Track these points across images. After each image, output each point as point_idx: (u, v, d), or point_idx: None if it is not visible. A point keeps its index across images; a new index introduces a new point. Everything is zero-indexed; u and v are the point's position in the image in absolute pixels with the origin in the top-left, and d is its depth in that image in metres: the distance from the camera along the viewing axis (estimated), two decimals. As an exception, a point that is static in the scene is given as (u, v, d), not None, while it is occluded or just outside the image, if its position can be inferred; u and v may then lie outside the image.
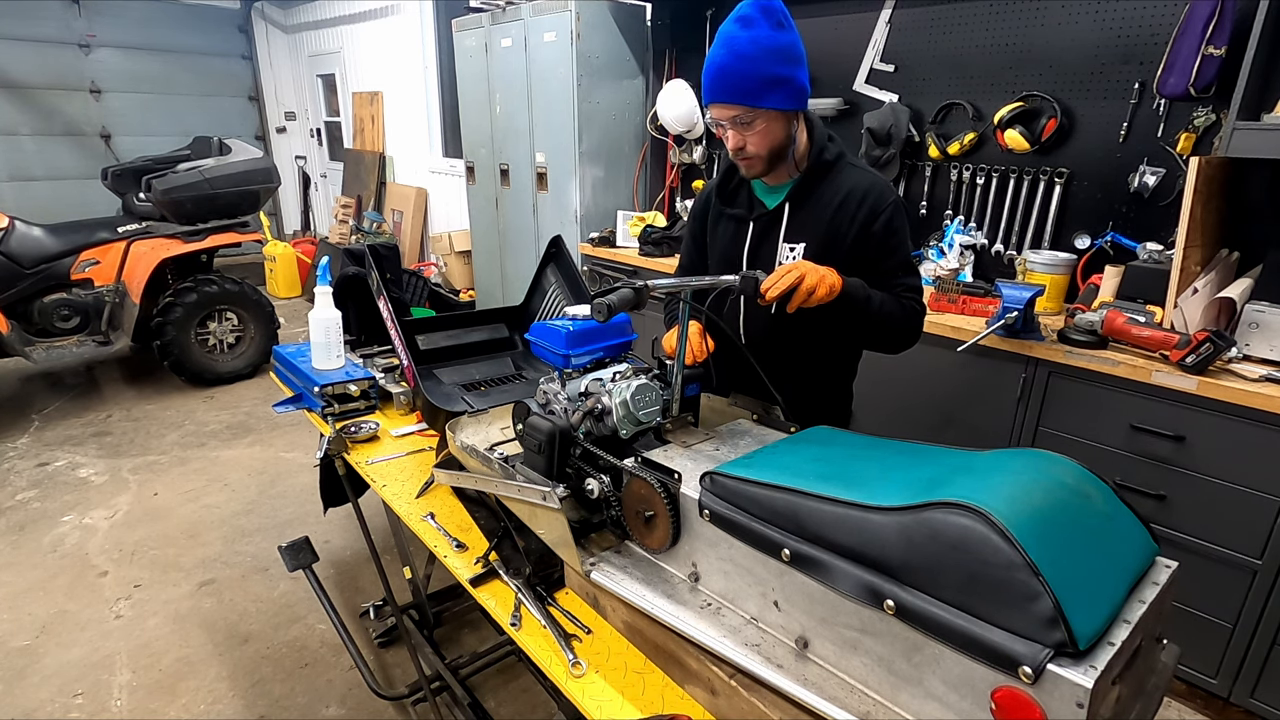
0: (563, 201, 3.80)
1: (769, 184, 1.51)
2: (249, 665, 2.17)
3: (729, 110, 1.34)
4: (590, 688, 0.97)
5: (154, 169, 4.12)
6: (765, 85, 1.30)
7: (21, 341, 3.78)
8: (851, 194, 1.42)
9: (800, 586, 0.83)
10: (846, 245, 1.42)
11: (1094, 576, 0.71)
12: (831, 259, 1.36)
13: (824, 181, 1.44)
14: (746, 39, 1.28)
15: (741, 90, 1.31)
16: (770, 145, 1.38)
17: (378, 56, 6.57)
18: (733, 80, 1.31)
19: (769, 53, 1.29)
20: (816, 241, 1.44)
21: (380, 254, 1.94)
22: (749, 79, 1.29)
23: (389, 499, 1.47)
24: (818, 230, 1.43)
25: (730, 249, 1.55)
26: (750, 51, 1.28)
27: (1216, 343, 1.75)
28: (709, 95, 1.36)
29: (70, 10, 6.68)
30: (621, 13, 3.53)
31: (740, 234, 1.53)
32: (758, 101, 1.32)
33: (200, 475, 3.30)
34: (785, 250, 1.47)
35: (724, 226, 1.57)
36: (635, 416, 1.11)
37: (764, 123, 1.34)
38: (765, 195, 1.52)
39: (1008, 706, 0.66)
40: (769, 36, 1.29)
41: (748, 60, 1.29)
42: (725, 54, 1.30)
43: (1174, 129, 2.17)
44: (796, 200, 1.46)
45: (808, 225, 1.44)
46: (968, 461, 0.86)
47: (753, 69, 1.29)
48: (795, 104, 1.36)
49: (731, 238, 1.55)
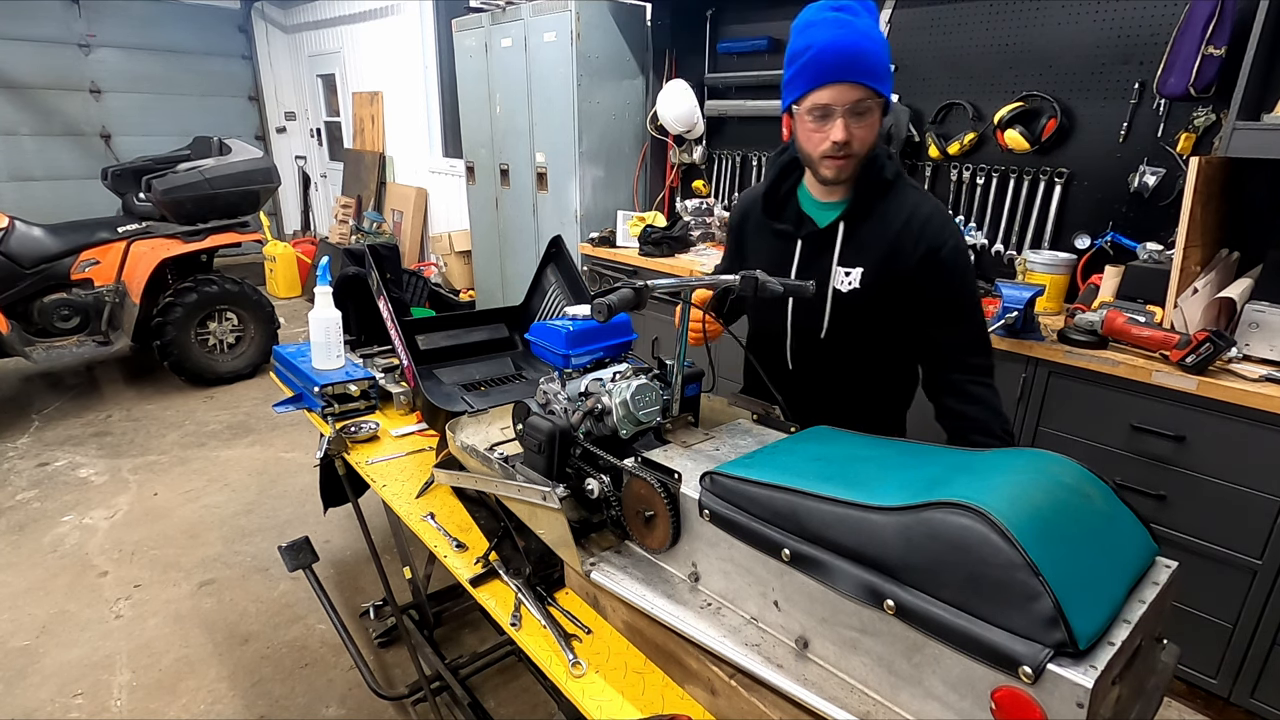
0: (563, 201, 3.80)
1: (820, 198, 1.38)
2: (249, 665, 2.17)
3: (853, 92, 1.20)
4: (590, 688, 0.97)
5: (154, 169, 4.12)
6: (886, 73, 1.21)
7: (21, 341, 3.78)
8: (915, 217, 1.30)
9: (800, 586, 0.83)
10: (909, 272, 1.30)
11: (1094, 576, 0.71)
12: (891, 288, 1.28)
13: (883, 200, 1.32)
14: (864, 23, 1.20)
15: (872, 72, 1.19)
16: (870, 144, 1.27)
17: (378, 56, 6.57)
18: (866, 61, 1.18)
19: (882, 42, 1.22)
20: (875, 267, 1.31)
21: (380, 254, 1.94)
22: (878, 61, 1.19)
23: (389, 499, 1.47)
24: (877, 253, 1.31)
25: (774, 268, 1.37)
26: (873, 34, 1.19)
27: (1216, 343, 1.75)
28: (825, 75, 1.20)
29: (70, 10, 6.68)
30: (621, 13, 3.53)
31: (787, 252, 1.40)
32: (882, 86, 1.21)
33: (200, 475, 3.30)
34: (840, 274, 1.34)
35: (767, 241, 1.44)
36: (635, 416, 1.11)
37: (876, 115, 1.24)
38: (815, 211, 1.39)
39: (1008, 706, 0.66)
40: (878, 28, 1.23)
41: (873, 42, 1.19)
42: (845, 34, 1.18)
43: (1174, 129, 2.17)
44: (854, 218, 1.32)
45: (866, 248, 1.32)
46: (968, 461, 0.86)
47: (880, 51, 1.20)
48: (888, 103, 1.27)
49: (777, 255, 1.41)
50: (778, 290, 1.22)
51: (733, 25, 3.39)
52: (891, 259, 1.30)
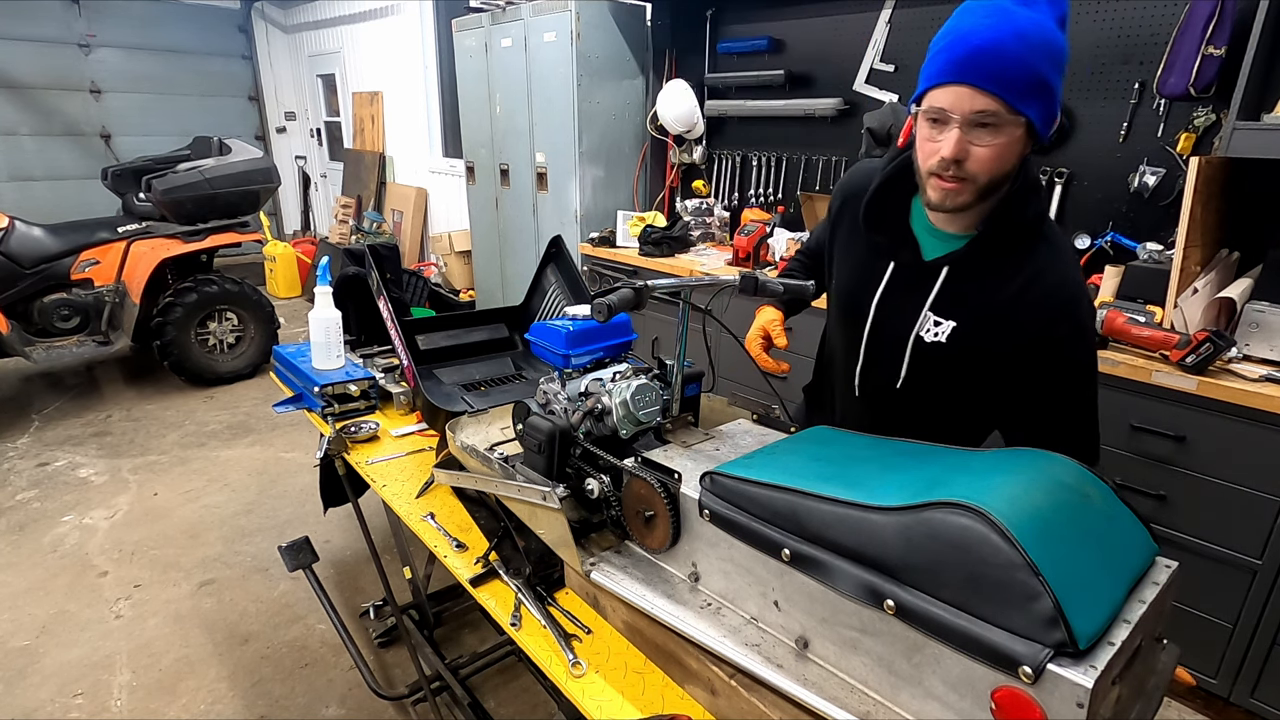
0: (563, 201, 3.80)
1: (936, 223, 1.13)
2: (249, 665, 2.17)
3: (979, 100, 0.96)
4: (590, 688, 0.97)
5: (154, 169, 4.12)
6: (1035, 87, 0.95)
7: (21, 341, 3.78)
8: (1038, 283, 1.06)
9: (800, 586, 0.83)
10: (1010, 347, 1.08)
11: (1094, 576, 0.71)
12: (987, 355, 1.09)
13: (1010, 249, 1.08)
14: (1028, 18, 0.95)
15: (1009, 80, 0.94)
16: (996, 171, 1.01)
17: (378, 56, 6.57)
18: (1003, 64, 0.94)
19: (1048, 47, 0.95)
20: (973, 328, 1.10)
21: (380, 254, 1.94)
22: (1024, 69, 0.94)
23: (389, 499, 1.47)
24: (980, 315, 1.09)
25: (856, 286, 1.21)
26: (1033, 35, 0.94)
27: (1216, 343, 1.75)
28: (950, 72, 0.97)
29: (70, 10, 6.68)
30: (621, 13, 3.53)
31: (875, 272, 1.19)
32: (1021, 103, 0.95)
33: (200, 475, 3.30)
34: (929, 320, 1.13)
35: (856, 250, 1.24)
36: (635, 416, 1.11)
37: (1009, 137, 0.98)
38: (925, 236, 1.15)
39: (1008, 706, 0.66)
40: (1051, 29, 0.96)
41: (1027, 44, 0.94)
42: (995, 27, 0.94)
43: (1174, 129, 2.17)
44: (962, 265, 1.10)
45: (968, 303, 1.10)
46: (968, 461, 0.86)
47: (1030, 58, 0.94)
48: (1047, 129, 1.01)
49: (862, 273, 1.21)
50: (778, 290, 1.22)
51: (733, 25, 3.39)
52: (990, 326, 1.09)
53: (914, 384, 1.18)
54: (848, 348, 1.28)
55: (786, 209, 3.32)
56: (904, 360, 1.17)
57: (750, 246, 3.01)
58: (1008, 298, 1.07)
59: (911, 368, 1.17)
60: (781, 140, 3.32)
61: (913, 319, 1.14)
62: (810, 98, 3.11)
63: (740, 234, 3.07)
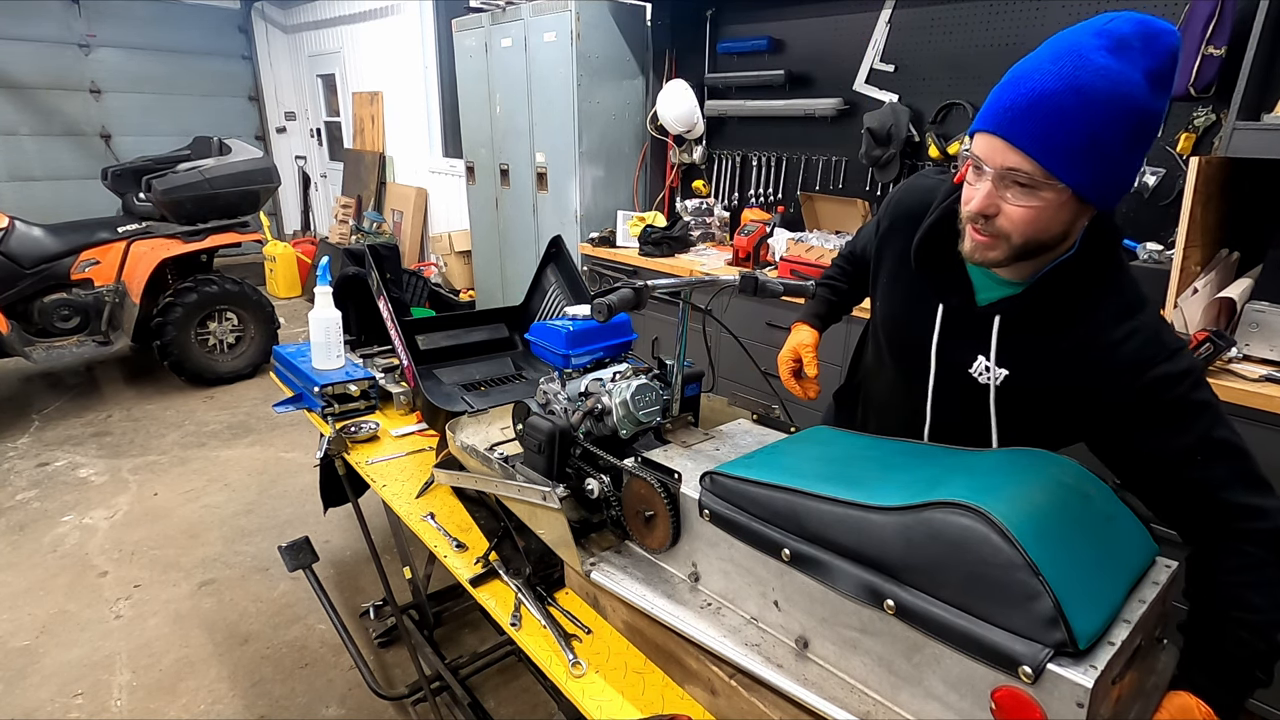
0: (563, 201, 3.81)
1: (996, 270, 1.01)
2: (249, 665, 2.17)
3: (1012, 157, 0.85)
4: (590, 688, 0.97)
5: (154, 169, 4.12)
6: (1086, 152, 0.82)
7: (21, 341, 3.78)
8: (1093, 340, 0.94)
9: (800, 586, 0.83)
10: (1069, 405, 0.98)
11: (1094, 576, 0.71)
12: (1038, 407, 1.01)
13: (1064, 303, 0.96)
14: (1101, 70, 0.80)
15: (1052, 142, 0.82)
16: (1033, 235, 0.89)
17: (378, 56, 6.57)
18: (1048, 122, 0.82)
19: (1120, 107, 0.80)
20: (1027, 384, 1.01)
21: (380, 254, 1.94)
22: (1074, 131, 0.81)
23: (389, 499, 1.47)
24: (1024, 368, 1.00)
25: (910, 327, 1.11)
26: (1100, 91, 0.80)
27: (1217, 343, 1.75)
28: (990, 119, 0.87)
29: (70, 10, 6.68)
30: (621, 13, 3.53)
31: (928, 313, 1.08)
32: (1062, 169, 0.83)
33: (200, 475, 3.30)
34: (982, 365, 1.03)
35: (904, 281, 1.13)
36: (635, 416, 1.11)
37: (1044, 201, 0.86)
38: (980, 278, 1.04)
39: (1008, 706, 0.66)
40: (1140, 88, 0.80)
41: (1087, 102, 0.80)
42: (1055, 76, 0.81)
43: (1174, 129, 2.17)
44: (1013, 315, 1.00)
45: (1022, 357, 1.00)
46: (968, 461, 0.86)
47: (1088, 118, 0.80)
48: (1109, 198, 0.88)
49: (914, 314, 1.11)
50: (778, 290, 1.22)
51: (733, 25, 3.39)
52: (1044, 374, 0.99)
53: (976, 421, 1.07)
54: (905, 389, 1.18)
55: (786, 209, 3.32)
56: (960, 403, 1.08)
57: (750, 246, 3.01)
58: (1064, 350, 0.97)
59: (971, 407, 1.07)
60: (781, 140, 3.32)
61: (968, 361, 1.05)
62: (810, 98, 3.11)
63: (740, 234, 3.08)
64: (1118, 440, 0.97)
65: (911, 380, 1.14)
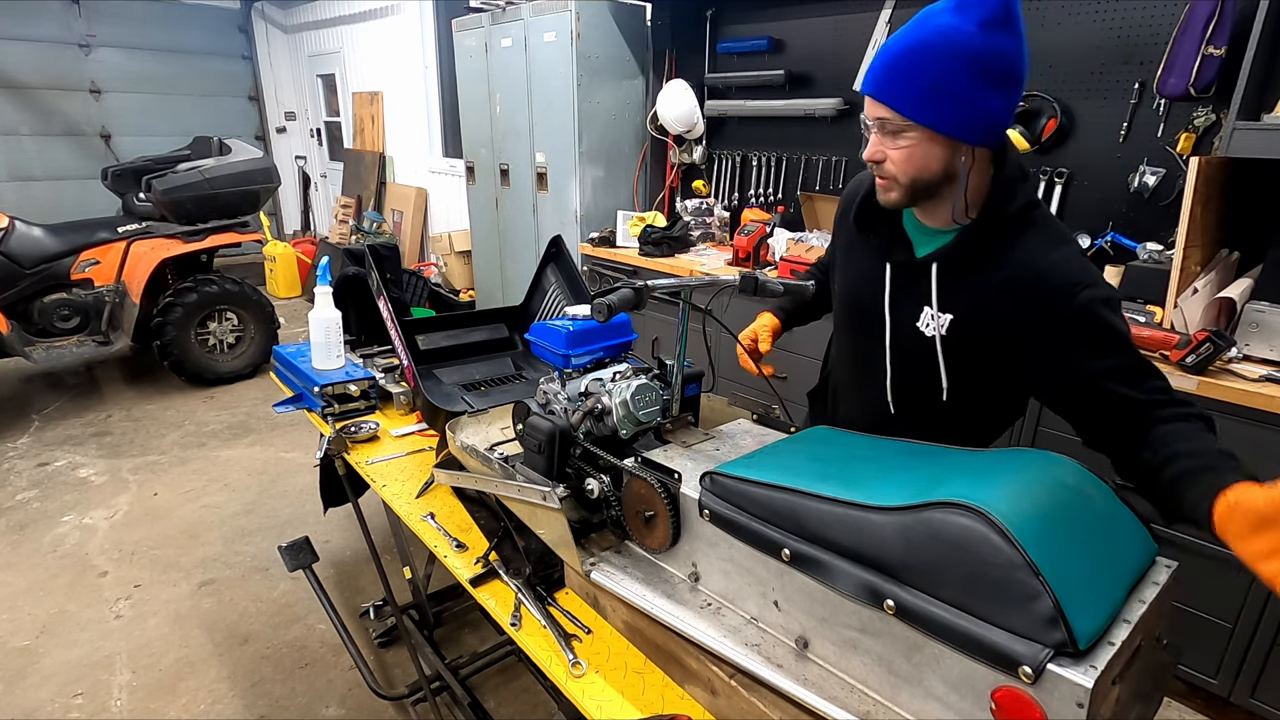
0: (563, 201, 3.81)
1: (925, 221, 1.15)
2: (249, 665, 2.17)
3: (878, 110, 1.03)
4: (590, 688, 0.97)
5: (154, 169, 4.12)
6: (933, 95, 0.98)
7: (21, 341, 3.78)
8: (1023, 272, 1.04)
9: (800, 586, 0.83)
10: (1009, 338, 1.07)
11: (1094, 576, 0.71)
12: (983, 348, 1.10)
13: (992, 245, 1.07)
14: (939, 26, 0.97)
15: (898, 90, 1.00)
16: (914, 173, 1.04)
17: (378, 56, 6.57)
18: (893, 74, 1.00)
19: (961, 56, 0.96)
20: (964, 319, 1.11)
21: (380, 254, 1.94)
22: (915, 79, 0.98)
23: (389, 499, 1.47)
24: (966, 309, 1.10)
25: (864, 292, 1.22)
26: (936, 43, 0.96)
27: (1216, 343, 1.75)
28: (866, 83, 1.05)
29: (70, 10, 6.68)
30: (621, 13, 3.53)
31: (877, 276, 1.19)
32: (914, 112, 1.00)
33: (200, 475, 3.30)
34: (928, 317, 1.14)
35: (857, 255, 1.26)
36: (635, 416, 1.11)
37: (914, 141, 1.02)
38: (916, 235, 1.18)
39: (1008, 706, 0.66)
40: (972, 35, 0.95)
41: (927, 55, 0.97)
42: (901, 37, 1.00)
43: (1174, 129, 2.17)
44: (949, 263, 1.11)
45: (957, 297, 1.11)
46: (967, 461, 0.86)
47: (926, 67, 0.97)
48: (967, 134, 1.01)
49: (866, 279, 1.22)
50: (778, 290, 1.22)
51: (733, 25, 3.39)
52: (984, 318, 1.09)
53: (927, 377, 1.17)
54: (865, 357, 1.26)
55: (786, 209, 3.32)
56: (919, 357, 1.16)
57: (750, 246, 3.01)
58: (997, 283, 1.07)
59: (920, 362, 1.17)
60: (781, 140, 3.32)
61: (915, 315, 1.16)
62: (810, 98, 3.11)
63: (740, 234, 3.08)
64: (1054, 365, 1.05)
65: (874, 345, 1.24)
